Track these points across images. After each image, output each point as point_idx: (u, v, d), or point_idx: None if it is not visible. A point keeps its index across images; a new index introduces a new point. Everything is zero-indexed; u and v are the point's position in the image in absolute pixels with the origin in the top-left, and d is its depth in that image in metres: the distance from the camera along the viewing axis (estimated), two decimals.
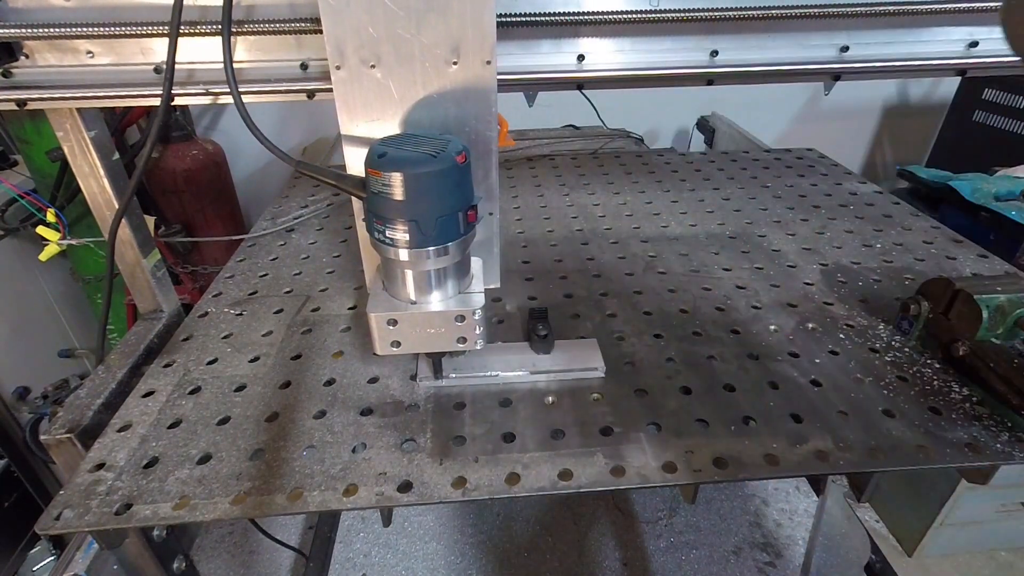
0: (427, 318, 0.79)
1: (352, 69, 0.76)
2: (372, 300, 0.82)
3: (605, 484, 0.74)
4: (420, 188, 0.70)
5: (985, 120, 2.58)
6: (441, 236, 0.74)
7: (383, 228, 0.74)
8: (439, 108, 0.80)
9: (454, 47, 0.76)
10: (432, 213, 0.72)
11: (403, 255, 0.74)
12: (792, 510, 2.09)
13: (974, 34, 0.92)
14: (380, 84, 0.77)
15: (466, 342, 0.81)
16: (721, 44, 0.91)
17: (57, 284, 2.27)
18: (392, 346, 0.81)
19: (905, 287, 1.13)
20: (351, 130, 0.81)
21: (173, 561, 0.84)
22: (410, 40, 0.74)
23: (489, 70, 0.78)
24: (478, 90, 0.79)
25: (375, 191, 0.72)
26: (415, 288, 0.79)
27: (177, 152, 2.39)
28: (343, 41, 0.74)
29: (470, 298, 0.81)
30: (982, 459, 0.76)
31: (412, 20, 0.73)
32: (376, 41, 0.74)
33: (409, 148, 0.72)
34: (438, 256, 0.75)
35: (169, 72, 0.82)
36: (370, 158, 0.72)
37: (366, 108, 0.79)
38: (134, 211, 1.08)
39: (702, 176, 1.71)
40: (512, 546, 1.98)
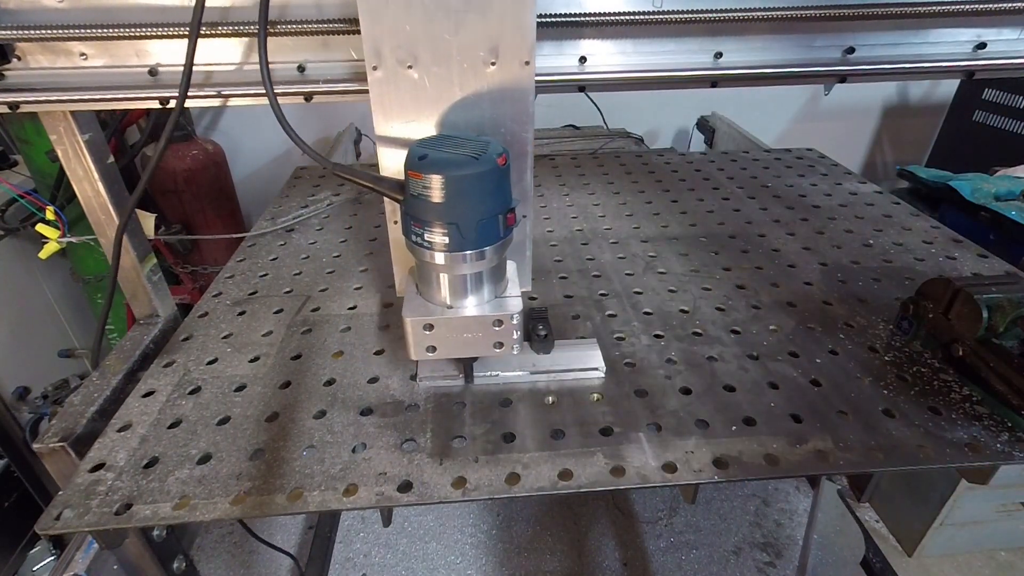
0: (464, 323, 0.78)
1: (389, 69, 0.75)
2: (407, 304, 0.80)
3: (605, 484, 0.74)
4: (461, 191, 0.68)
5: (985, 120, 2.58)
6: (481, 239, 0.72)
7: (421, 231, 0.72)
8: (475, 109, 0.79)
9: (493, 47, 0.75)
10: (473, 216, 0.70)
11: (441, 259, 0.73)
12: (792, 510, 2.09)
13: (982, 35, 0.92)
14: (417, 85, 0.76)
15: (502, 347, 0.80)
16: (725, 46, 0.90)
17: (57, 284, 2.27)
18: (427, 351, 0.80)
19: (905, 287, 1.13)
20: (386, 131, 0.80)
21: (173, 561, 0.84)
22: (448, 40, 0.74)
23: (527, 71, 0.77)
24: (515, 91, 0.78)
25: (414, 193, 0.70)
26: (452, 292, 0.78)
27: (177, 152, 2.39)
28: (380, 41, 0.73)
29: (508, 302, 0.80)
30: (982, 459, 0.76)
31: (451, 20, 0.73)
32: (414, 41, 0.73)
33: (449, 150, 0.71)
34: (477, 260, 0.73)
35: (187, 74, 0.82)
36: (410, 160, 0.71)
37: (402, 109, 0.78)
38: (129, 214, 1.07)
39: (702, 176, 1.70)
40: (512, 546, 1.98)
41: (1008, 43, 0.92)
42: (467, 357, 0.86)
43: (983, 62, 0.93)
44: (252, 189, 2.93)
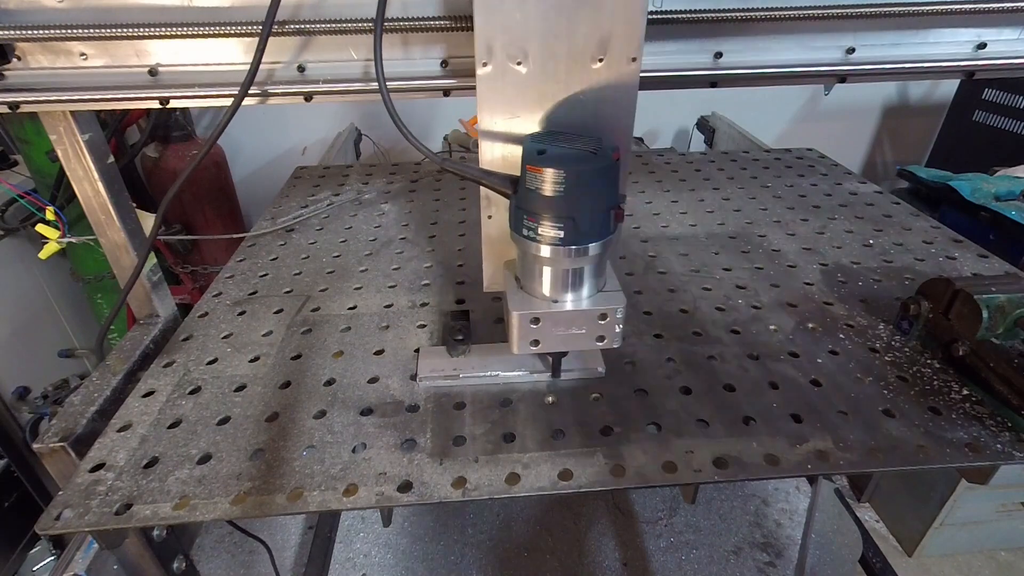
0: (570, 317, 0.79)
1: (498, 66, 0.75)
2: (512, 298, 0.80)
3: (605, 484, 0.74)
4: (581, 185, 0.69)
5: (985, 120, 2.58)
6: (594, 234, 0.73)
7: (535, 225, 0.73)
8: (579, 105, 0.79)
9: (602, 43, 0.74)
10: (589, 211, 0.71)
11: (553, 252, 0.74)
12: (792, 510, 2.09)
13: (982, 35, 0.91)
14: (523, 81, 0.76)
15: (604, 340, 0.80)
16: (725, 46, 0.90)
17: (57, 284, 2.27)
18: (531, 345, 0.80)
19: (905, 287, 1.13)
20: (490, 126, 0.80)
21: (173, 561, 0.84)
22: (559, 36, 0.74)
23: (634, 67, 0.76)
24: (621, 87, 0.78)
25: (531, 188, 0.71)
26: (558, 286, 0.78)
27: (177, 152, 2.39)
28: (492, 37, 0.73)
29: (612, 296, 0.80)
30: (982, 459, 0.76)
31: (564, 16, 0.72)
32: (525, 37, 0.73)
33: (564, 145, 0.71)
34: (588, 254, 0.74)
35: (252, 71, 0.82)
36: (528, 155, 0.71)
37: (507, 105, 0.78)
38: (129, 215, 1.07)
39: (702, 176, 1.70)
40: (512, 546, 1.98)
41: (1008, 43, 0.92)
42: (559, 352, 0.86)
43: (983, 62, 0.93)
44: (252, 189, 2.93)
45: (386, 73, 0.88)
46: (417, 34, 0.85)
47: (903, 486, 2.04)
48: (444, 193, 1.65)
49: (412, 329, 1.06)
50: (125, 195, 1.06)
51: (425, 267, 1.27)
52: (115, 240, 1.06)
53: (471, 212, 1.53)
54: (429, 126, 2.95)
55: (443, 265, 1.28)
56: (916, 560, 1.98)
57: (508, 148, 0.82)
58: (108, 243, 1.07)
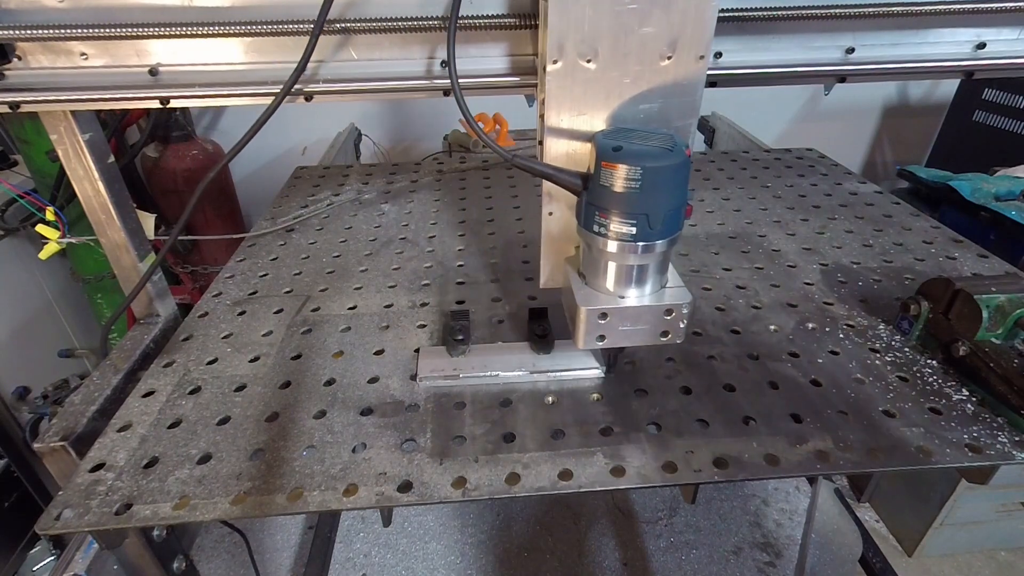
0: (637, 312, 0.79)
1: (568, 63, 0.76)
2: (579, 293, 0.81)
3: (605, 484, 0.74)
4: (657, 181, 0.69)
5: (985, 120, 2.58)
6: (666, 230, 0.73)
7: (607, 221, 0.73)
8: (646, 102, 0.79)
9: (672, 41, 0.74)
10: (662, 207, 0.71)
11: (624, 248, 0.74)
12: (792, 510, 2.09)
13: (981, 35, 0.92)
14: (593, 78, 0.77)
15: (668, 336, 0.81)
16: (725, 46, 0.90)
17: (57, 284, 2.27)
18: (597, 340, 0.80)
19: (905, 287, 1.13)
20: (556, 123, 0.80)
21: (173, 561, 0.84)
22: (630, 33, 0.74)
23: (701, 65, 0.77)
24: (687, 85, 0.78)
25: (605, 184, 0.71)
26: (625, 281, 0.78)
27: (177, 152, 2.39)
28: (565, 35, 0.74)
29: (676, 292, 0.80)
30: (982, 459, 0.76)
31: (636, 14, 0.73)
32: (596, 35, 0.74)
33: (637, 142, 0.72)
34: (657, 250, 0.74)
35: (298, 70, 0.83)
36: (602, 151, 0.71)
37: (575, 102, 0.78)
38: (129, 214, 1.07)
39: (702, 176, 1.70)
40: (512, 546, 1.98)
41: (1008, 43, 0.92)
42: (618, 348, 0.87)
43: (983, 62, 0.93)
44: (252, 189, 2.93)
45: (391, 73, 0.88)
46: (416, 34, 0.85)
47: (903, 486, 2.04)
48: (444, 193, 1.65)
49: (412, 329, 1.06)
50: (125, 195, 1.06)
51: (425, 267, 1.27)
52: (115, 240, 1.06)
53: (471, 212, 1.53)
54: (430, 126, 2.95)
55: (443, 265, 1.28)
56: (916, 560, 1.98)
57: (574, 145, 0.81)
58: (108, 243, 1.07)
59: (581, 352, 0.95)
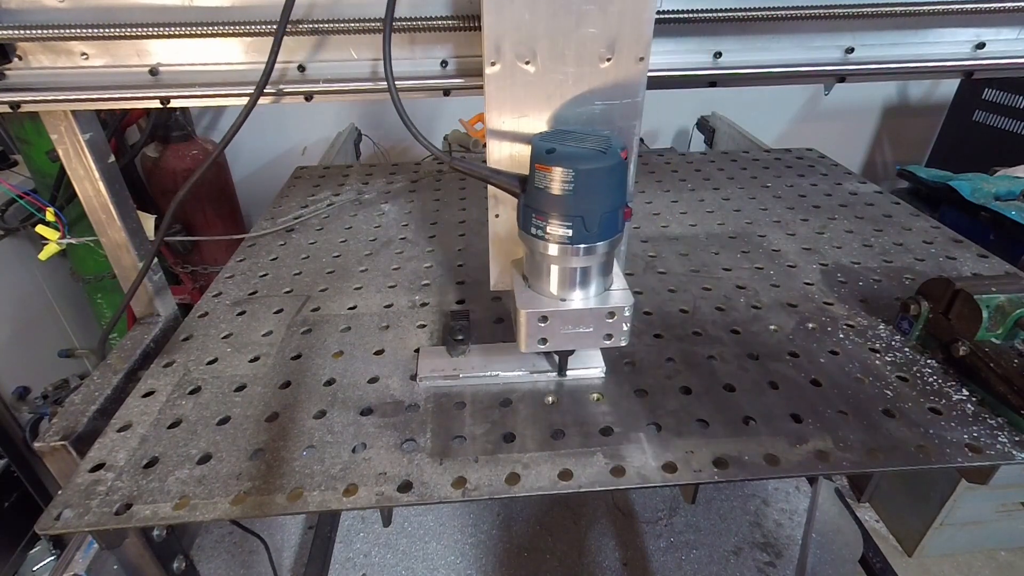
0: (579, 315, 0.79)
1: (507, 65, 0.76)
2: (520, 297, 0.81)
3: (605, 484, 0.74)
4: (590, 184, 0.69)
5: (985, 120, 2.58)
6: (602, 232, 0.73)
7: (544, 223, 0.73)
8: (587, 104, 0.79)
9: (610, 43, 0.75)
10: (598, 209, 0.71)
11: (562, 251, 0.74)
12: (792, 510, 2.09)
13: (981, 35, 0.92)
14: (532, 80, 0.77)
15: (612, 339, 0.81)
16: (724, 45, 0.90)
17: (57, 284, 2.27)
18: (539, 343, 0.81)
19: (905, 287, 1.13)
20: (497, 125, 0.80)
21: (173, 561, 0.84)
22: (568, 35, 0.74)
23: (641, 67, 0.77)
24: (628, 87, 0.78)
25: (540, 186, 0.71)
26: (566, 284, 0.79)
27: (177, 152, 2.39)
28: (502, 37, 0.74)
29: (619, 295, 0.81)
30: (982, 459, 0.76)
31: (573, 15, 0.73)
32: (534, 37, 0.74)
33: (572, 144, 0.72)
34: (596, 253, 0.75)
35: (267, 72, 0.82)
36: (537, 154, 0.71)
37: (515, 104, 0.79)
38: (130, 214, 1.07)
39: (702, 176, 1.71)
40: (512, 546, 1.98)
41: (1007, 43, 0.93)
42: (566, 351, 0.87)
43: (982, 62, 0.93)
44: (252, 189, 2.93)
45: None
46: (420, 33, 0.85)
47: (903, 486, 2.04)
48: (444, 193, 1.65)
49: (412, 329, 1.06)
50: (126, 194, 1.06)
51: (425, 267, 1.27)
52: (116, 239, 1.07)
53: (471, 212, 1.53)
54: (430, 126, 2.95)
55: (443, 265, 1.28)
56: (916, 560, 1.98)
57: (516, 147, 0.82)
58: (109, 242, 1.07)
59: (581, 352, 0.95)
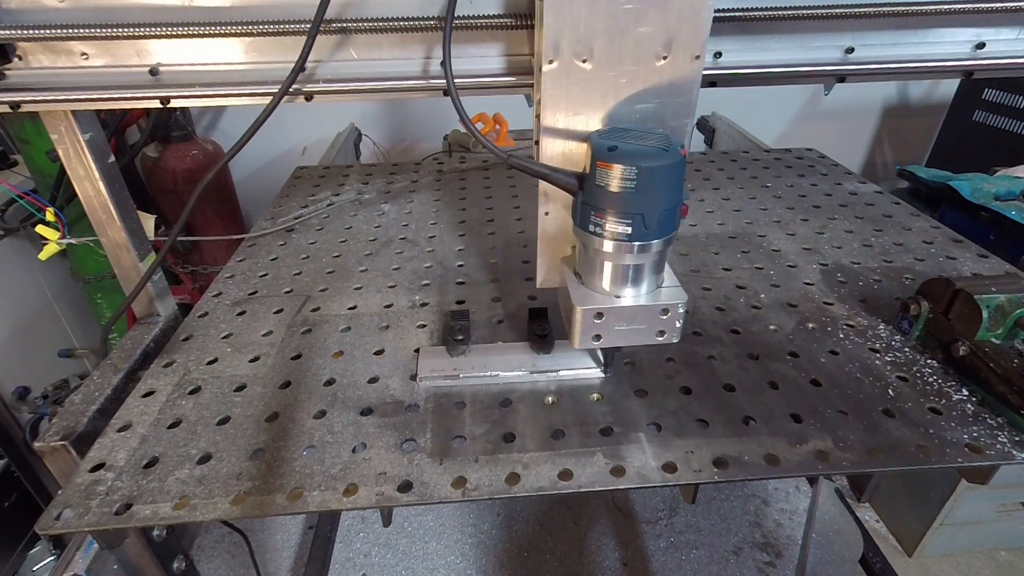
0: (633, 312, 0.79)
1: (564, 63, 0.76)
2: (574, 293, 0.81)
3: (605, 484, 0.74)
4: (652, 181, 0.70)
5: (985, 120, 2.58)
6: (661, 230, 0.73)
7: (602, 221, 0.73)
8: (641, 102, 0.79)
9: (667, 41, 0.75)
10: (658, 207, 0.71)
11: (620, 248, 0.74)
12: (792, 510, 2.09)
13: (981, 35, 0.92)
14: (589, 78, 0.77)
15: (664, 335, 0.81)
16: (724, 45, 0.90)
17: (57, 284, 2.27)
18: (593, 339, 0.81)
19: (905, 287, 1.13)
20: (552, 123, 0.80)
21: (173, 561, 0.84)
22: (626, 34, 0.74)
23: (696, 65, 0.77)
24: (682, 85, 0.78)
25: (600, 184, 0.71)
26: (621, 281, 0.79)
27: (177, 152, 2.39)
28: (560, 35, 0.74)
29: (672, 292, 0.81)
30: (982, 459, 0.76)
31: (631, 14, 0.73)
32: (592, 35, 0.74)
33: (633, 142, 0.72)
34: (651, 250, 0.75)
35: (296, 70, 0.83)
36: (597, 151, 0.71)
37: (570, 102, 0.79)
38: (130, 214, 1.07)
39: (702, 176, 1.71)
40: (512, 546, 1.98)
41: (1007, 43, 0.93)
42: (615, 347, 0.87)
43: (982, 62, 0.93)
44: (252, 189, 2.93)
45: (391, 73, 0.88)
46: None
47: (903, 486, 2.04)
48: (444, 193, 1.65)
49: (412, 329, 1.06)
50: (126, 194, 1.06)
51: (425, 267, 1.27)
52: (116, 239, 1.07)
53: (471, 212, 1.53)
54: (430, 126, 2.95)
55: (443, 265, 1.28)
56: (916, 560, 1.98)
57: (570, 144, 0.82)
58: (109, 242, 1.07)
59: (581, 352, 0.95)
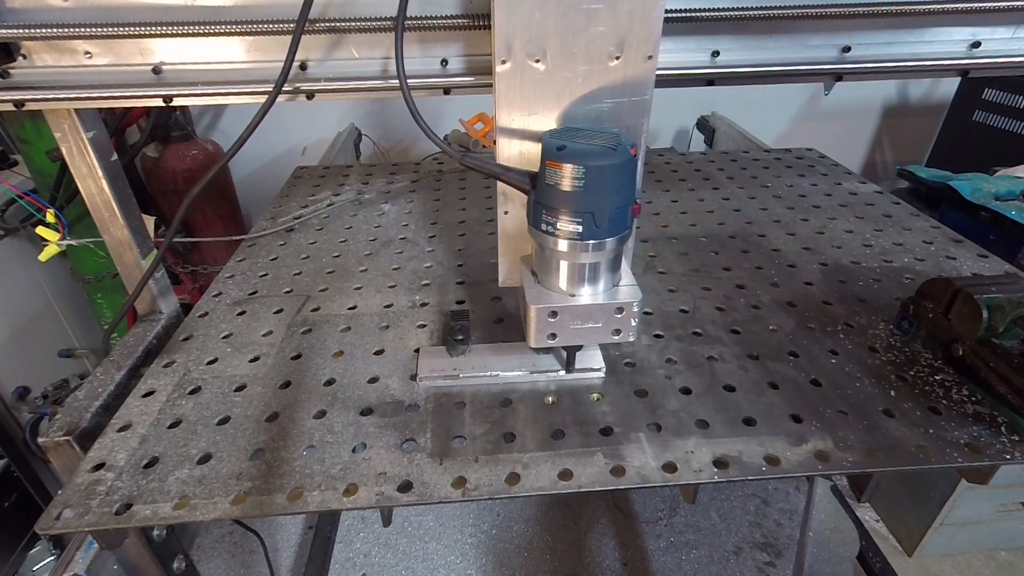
0: (588, 310, 0.80)
1: (517, 63, 0.76)
2: (529, 292, 0.81)
3: (605, 484, 0.74)
4: (600, 180, 0.70)
5: (985, 120, 2.58)
6: (612, 229, 0.74)
7: (554, 220, 0.74)
8: (596, 102, 0.80)
9: (619, 42, 0.75)
10: (608, 206, 0.72)
11: (571, 247, 0.75)
12: (792, 510, 2.09)
13: (976, 34, 0.92)
14: (542, 78, 0.78)
15: (620, 334, 0.81)
16: (722, 44, 0.91)
17: (57, 284, 2.27)
18: (549, 338, 0.81)
19: (905, 287, 1.13)
20: (507, 123, 0.81)
21: (173, 561, 0.84)
22: (578, 34, 0.75)
23: (650, 65, 0.77)
24: (636, 85, 0.79)
25: (551, 183, 0.72)
26: (575, 280, 0.79)
27: (177, 152, 2.39)
28: (512, 35, 0.74)
29: (627, 290, 0.81)
30: (982, 459, 0.76)
31: (583, 14, 0.74)
32: (544, 35, 0.75)
33: (583, 141, 0.72)
34: (605, 248, 0.75)
35: (285, 70, 0.83)
36: (547, 151, 0.72)
37: (525, 101, 0.79)
38: (133, 212, 1.08)
39: (702, 176, 1.71)
40: (512, 546, 1.98)
41: (1002, 42, 0.93)
42: (574, 346, 0.88)
43: (978, 60, 0.93)
44: (252, 189, 2.93)
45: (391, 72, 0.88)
46: (429, 32, 0.85)
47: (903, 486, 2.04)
48: (444, 193, 1.65)
49: (412, 329, 1.06)
50: (128, 192, 1.07)
51: (425, 267, 1.27)
52: (119, 237, 1.07)
53: (471, 212, 1.53)
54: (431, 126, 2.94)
55: (443, 265, 1.28)
56: (916, 560, 1.98)
57: (526, 145, 0.82)
58: (112, 240, 1.07)
59: (581, 352, 0.95)
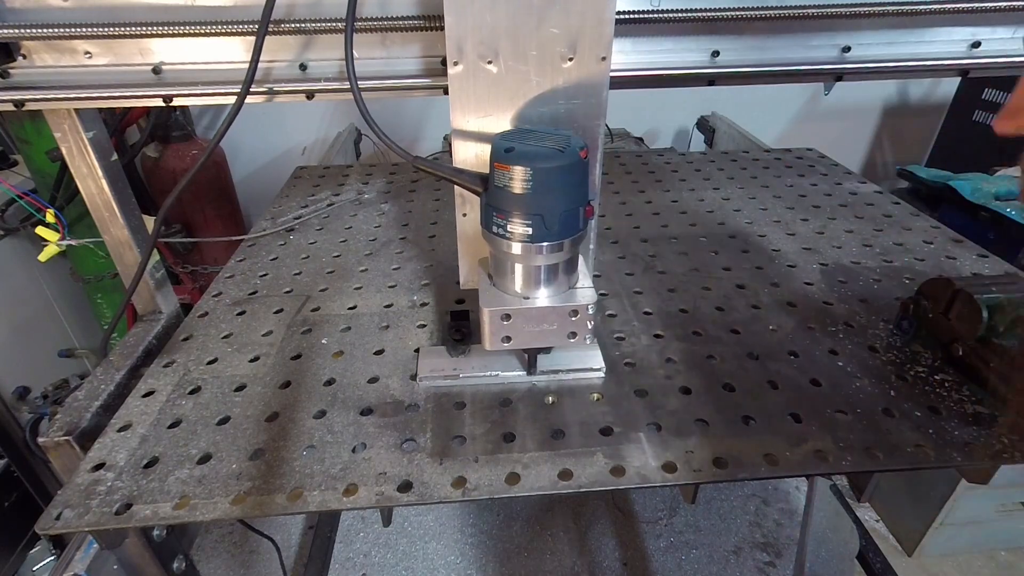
0: (541, 313, 0.79)
1: (469, 65, 0.76)
2: (484, 295, 0.81)
3: (605, 484, 0.74)
4: (548, 182, 0.70)
5: (985, 120, 2.58)
6: (562, 231, 0.74)
7: (504, 222, 0.74)
8: (550, 103, 0.80)
9: (571, 43, 0.75)
10: (557, 208, 0.72)
11: (522, 249, 0.74)
12: (792, 510, 2.09)
13: (977, 34, 0.92)
14: (495, 80, 0.77)
15: (576, 337, 0.81)
16: (722, 44, 0.91)
17: (57, 284, 2.27)
18: (503, 341, 0.81)
19: (905, 287, 1.13)
20: (462, 125, 0.81)
21: (173, 561, 0.84)
22: (529, 35, 0.75)
23: (603, 66, 0.77)
24: (590, 86, 0.79)
25: (500, 185, 0.72)
26: (529, 282, 0.79)
27: (177, 152, 2.39)
28: (463, 37, 0.74)
29: (582, 293, 0.81)
30: (982, 459, 0.76)
31: (534, 15, 0.73)
32: (495, 36, 0.74)
33: (532, 143, 0.72)
34: (557, 251, 0.75)
35: (251, 71, 0.82)
36: (496, 153, 0.72)
37: (479, 103, 0.79)
38: (133, 212, 1.08)
39: (702, 176, 1.71)
40: (512, 546, 1.98)
41: (1002, 42, 0.93)
42: (535, 348, 0.87)
43: (978, 60, 0.94)
44: (252, 189, 2.93)
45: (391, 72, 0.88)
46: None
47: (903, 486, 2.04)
48: (444, 193, 1.65)
49: (412, 329, 1.06)
50: (128, 192, 1.07)
51: (425, 267, 1.27)
52: (118, 237, 1.07)
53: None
54: (425, 126, 2.95)
55: (443, 265, 1.28)
56: (916, 560, 1.98)
57: (481, 146, 0.82)
58: (112, 240, 1.07)
59: (581, 352, 0.95)
